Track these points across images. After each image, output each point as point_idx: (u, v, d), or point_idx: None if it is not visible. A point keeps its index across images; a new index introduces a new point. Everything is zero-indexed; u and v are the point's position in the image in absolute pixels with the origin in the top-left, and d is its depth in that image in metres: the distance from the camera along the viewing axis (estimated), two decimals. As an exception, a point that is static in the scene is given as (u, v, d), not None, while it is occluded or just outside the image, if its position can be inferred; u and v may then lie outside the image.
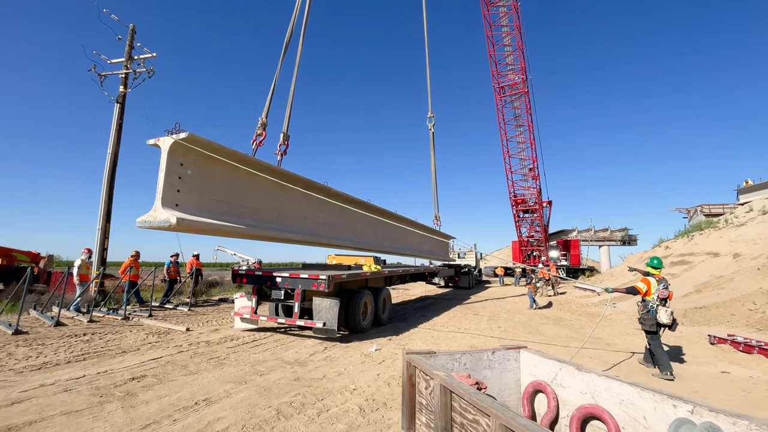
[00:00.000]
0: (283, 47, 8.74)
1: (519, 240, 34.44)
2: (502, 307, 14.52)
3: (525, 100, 30.98)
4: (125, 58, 13.81)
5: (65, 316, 9.12)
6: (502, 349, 3.56)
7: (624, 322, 10.87)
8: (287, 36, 9.01)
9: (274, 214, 7.14)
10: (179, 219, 5.00)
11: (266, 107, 8.34)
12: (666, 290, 6.10)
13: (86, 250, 10.30)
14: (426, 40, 18.57)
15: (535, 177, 31.83)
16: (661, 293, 6.08)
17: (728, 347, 7.36)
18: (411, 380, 3.19)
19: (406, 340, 8.16)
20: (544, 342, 8.31)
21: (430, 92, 19.43)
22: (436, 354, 3.33)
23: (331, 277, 7.48)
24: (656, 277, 6.30)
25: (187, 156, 5.42)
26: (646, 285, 6.19)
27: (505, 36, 31.03)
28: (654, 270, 6.39)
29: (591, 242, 39.59)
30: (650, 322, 6.04)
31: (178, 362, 5.92)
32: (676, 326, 6.08)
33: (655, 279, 6.25)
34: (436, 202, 19.28)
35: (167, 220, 4.91)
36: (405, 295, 18.87)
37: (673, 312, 6.01)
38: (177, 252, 12.73)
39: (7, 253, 14.37)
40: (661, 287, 6.14)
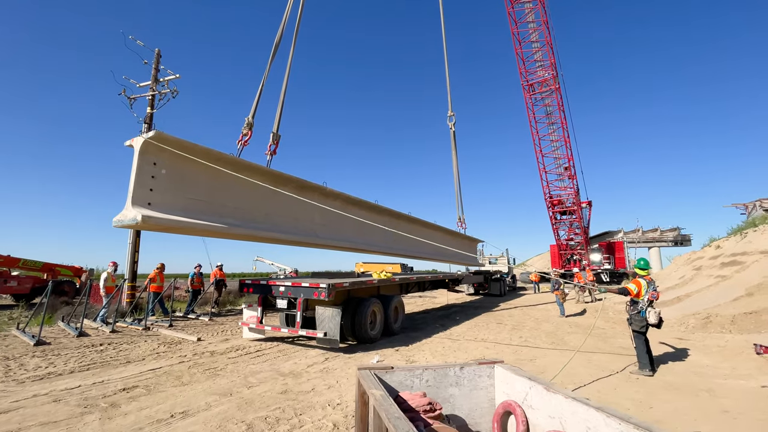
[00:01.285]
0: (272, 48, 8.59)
1: (557, 243, 32.66)
2: (530, 315, 13.67)
3: (556, 96, 29.56)
4: (152, 80, 14.61)
5: (90, 326, 9.60)
6: (474, 364, 3.17)
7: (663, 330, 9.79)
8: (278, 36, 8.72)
9: (261, 213, 7.01)
10: (145, 217, 4.97)
11: (253, 108, 8.16)
12: (655, 291, 6.24)
13: (112, 264, 10.84)
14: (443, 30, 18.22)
15: (572, 176, 30.18)
16: (651, 295, 6.17)
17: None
18: (363, 398, 2.88)
19: (415, 351, 7.78)
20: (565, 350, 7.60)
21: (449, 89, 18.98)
22: (393, 369, 3.01)
23: (331, 285, 7.30)
24: (645, 279, 6.34)
25: (161, 155, 5.39)
26: (637, 287, 6.26)
27: (532, 32, 29.92)
28: (641, 272, 6.50)
29: (639, 244, 36.83)
30: (640, 323, 6.15)
31: (174, 373, 5.95)
32: (662, 325, 6.28)
33: (645, 281, 6.28)
34: (459, 204, 18.62)
35: (134, 218, 4.91)
36: (430, 303, 18.36)
37: (660, 312, 6.18)
38: (200, 263, 13.14)
39: (51, 267, 15.56)
40: (651, 289, 6.24)
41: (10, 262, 14.43)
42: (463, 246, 18.77)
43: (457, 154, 18.82)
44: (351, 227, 9.46)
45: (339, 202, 9.20)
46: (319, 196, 8.48)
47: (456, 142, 18.76)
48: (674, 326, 9.88)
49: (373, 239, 10.55)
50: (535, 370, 6.21)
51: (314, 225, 8.25)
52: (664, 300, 12.38)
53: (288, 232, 7.54)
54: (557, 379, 5.66)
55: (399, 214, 12.05)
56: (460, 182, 18.82)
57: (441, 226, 15.61)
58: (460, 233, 18.04)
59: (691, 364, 6.60)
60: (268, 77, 8.56)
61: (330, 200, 8.90)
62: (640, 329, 6.14)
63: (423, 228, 14.04)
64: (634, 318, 6.23)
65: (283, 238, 7.43)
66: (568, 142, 29.84)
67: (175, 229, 5.65)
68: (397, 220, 12.09)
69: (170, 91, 14.47)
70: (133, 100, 14.77)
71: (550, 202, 31.54)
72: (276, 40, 8.86)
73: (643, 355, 6.11)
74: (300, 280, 8.08)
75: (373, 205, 10.49)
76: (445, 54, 18.80)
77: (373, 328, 8.69)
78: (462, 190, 18.86)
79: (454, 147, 18.59)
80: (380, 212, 11.01)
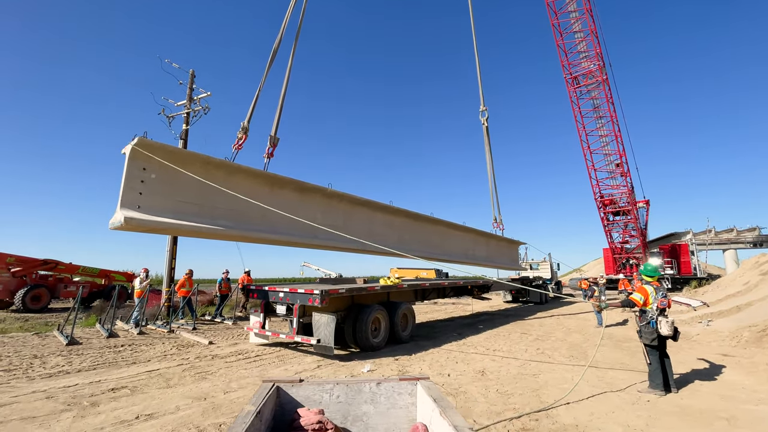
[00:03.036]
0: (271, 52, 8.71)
1: (610, 246, 30.12)
2: (564, 324, 12.62)
3: (604, 88, 27.45)
4: (187, 99, 15.71)
5: (122, 329, 10.38)
6: (394, 380, 2.90)
7: (711, 344, 8.52)
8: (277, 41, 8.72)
9: (256, 215, 7.08)
10: (128, 218, 5.22)
11: (249, 113, 8.29)
12: (665, 299, 5.52)
13: (144, 270, 11.68)
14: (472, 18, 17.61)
15: (625, 173, 27.78)
16: (660, 302, 5.47)
17: None
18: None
19: (415, 361, 7.45)
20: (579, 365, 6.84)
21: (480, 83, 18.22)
22: (301, 383, 2.83)
23: (324, 291, 7.24)
24: (653, 284, 5.64)
25: (150, 160, 5.66)
26: (643, 295, 5.53)
27: (574, 21, 28.17)
28: (648, 278, 5.76)
29: (711, 246, 32.86)
30: (650, 335, 5.42)
31: (166, 375, 6.19)
32: (678, 336, 5.50)
33: (652, 287, 5.57)
34: (495, 203, 17.74)
35: (120, 219, 5.20)
36: (461, 310, 17.69)
37: (673, 321, 5.39)
38: (228, 269, 13.77)
39: (107, 274, 17.16)
40: (660, 296, 5.51)
41: (71, 269, 16.17)
42: (500, 249, 17.76)
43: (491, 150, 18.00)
44: (359, 228, 9.34)
45: (345, 203, 9.16)
46: (321, 197, 8.50)
47: (489, 138, 17.99)
48: (725, 339, 8.56)
49: (386, 241, 10.25)
50: (528, 387, 5.64)
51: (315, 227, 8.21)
52: (721, 310, 10.81)
53: (286, 234, 7.61)
54: (551, 397, 5.09)
55: (417, 215, 11.67)
56: (495, 180, 17.96)
57: (471, 228, 14.87)
58: (496, 235, 17.11)
59: (723, 385, 5.62)
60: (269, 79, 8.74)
61: (335, 201, 8.90)
62: (651, 342, 5.40)
63: (448, 229, 13.51)
64: (643, 330, 5.51)
65: (282, 239, 7.53)
66: (619, 136, 27.60)
67: (164, 230, 5.97)
68: (415, 221, 11.74)
69: (202, 108, 15.47)
70: (172, 119, 15.98)
71: (600, 201, 29.30)
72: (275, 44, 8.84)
73: (657, 372, 5.35)
74: (297, 286, 8.11)
75: (384, 205, 10.27)
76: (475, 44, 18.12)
77: (376, 336, 8.48)
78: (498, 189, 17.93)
79: (488, 143, 17.80)
80: (395, 213, 10.77)
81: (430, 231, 12.46)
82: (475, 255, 15.49)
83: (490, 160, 17.72)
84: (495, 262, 17.33)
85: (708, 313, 10.98)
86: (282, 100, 8.75)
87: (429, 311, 17.64)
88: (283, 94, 8.73)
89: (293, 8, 9.01)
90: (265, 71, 8.72)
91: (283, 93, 8.72)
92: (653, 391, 5.25)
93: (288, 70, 8.82)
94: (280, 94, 8.75)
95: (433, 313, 16.63)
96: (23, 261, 14.68)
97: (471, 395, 5.26)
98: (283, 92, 8.73)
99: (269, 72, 8.74)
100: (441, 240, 13.01)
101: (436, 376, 6.29)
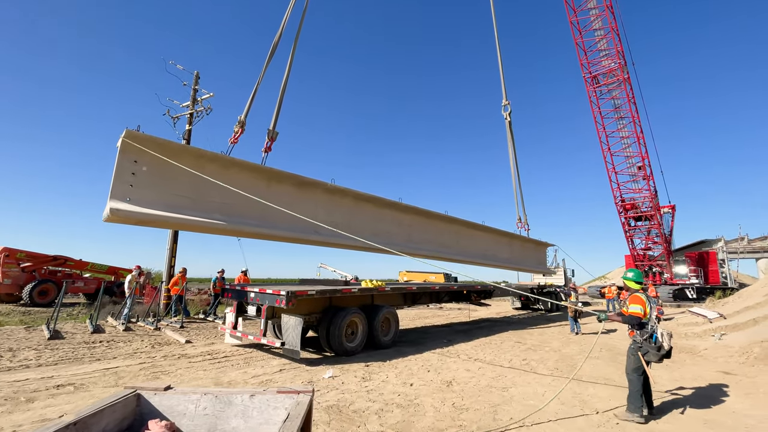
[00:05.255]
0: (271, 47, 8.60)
1: (632, 253, 28.62)
2: (565, 334, 11.89)
3: (625, 87, 26.20)
4: (191, 100, 15.95)
5: (110, 324, 10.49)
6: (271, 393, 2.57)
7: (717, 360, 7.70)
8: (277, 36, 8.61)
9: (253, 209, 6.94)
10: (114, 209, 5.20)
11: (246, 108, 8.24)
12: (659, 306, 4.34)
13: (136, 267, 11.82)
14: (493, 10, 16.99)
15: (647, 177, 26.38)
16: (658, 310, 5.09)
17: None
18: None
19: (386, 368, 7.07)
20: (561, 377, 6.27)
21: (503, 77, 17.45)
22: (165, 391, 2.55)
23: (290, 293, 6.98)
24: (640, 291, 5.02)
25: (142, 153, 5.64)
26: (641, 305, 4.81)
27: (594, 19, 27.06)
28: (636, 285, 5.09)
29: (743, 255, 30.65)
30: (657, 351, 4.65)
31: (120, 374, 6.09)
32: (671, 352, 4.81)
33: (645, 295, 4.92)
34: (519, 202, 16.74)
35: (107, 211, 5.21)
36: (463, 316, 17.08)
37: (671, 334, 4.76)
38: (223, 269, 13.79)
39: (115, 270, 17.61)
40: (654, 304, 4.94)
41: (80, 265, 16.69)
42: (525, 251, 16.79)
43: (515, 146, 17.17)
44: (364, 226, 9.04)
45: (349, 199, 8.92)
46: (322, 192, 8.31)
47: (513, 133, 17.20)
48: (734, 355, 7.72)
49: (394, 240, 9.84)
50: (490, 402, 5.16)
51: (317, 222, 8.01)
52: (737, 322, 9.83)
53: (285, 229, 7.46)
54: (510, 414, 4.62)
55: (429, 212, 11.20)
56: (519, 177, 17.06)
57: (491, 227, 14.11)
58: (521, 236, 16.16)
59: (712, 409, 4.95)
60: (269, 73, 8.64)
61: (337, 197, 8.69)
62: (659, 360, 4.69)
63: (465, 228, 12.90)
64: (647, 347, 4.70)
65: (280, 234, 7.40)
66: (642, 138, 26.30)
67: (154, 223, 5.90)
68: (426, 219, 11.26)
69: (204, 109, 15.66)
70: (176, 119, 16.26)
71: (621, 206, 27.95)
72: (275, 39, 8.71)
73: (637, 394, 4.66)
74: (266, 286, 7.90)
75: (392, 202, 9.93)
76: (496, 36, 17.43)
77: (351, 341, 8.16)
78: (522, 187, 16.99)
79: (511, 139, 16.91)
80: (404, 210, 10.38)
81: (443, 230, 11.90)
82: (497, 256, 14.59)
83: (513, 156, 16.84)
84: (519, 264, 16.38)
85: (723, 325, 10.03)
86: (282, 93, 8.65)
87: (430, 316, 17.15)
88: (283, 87, 8.64)
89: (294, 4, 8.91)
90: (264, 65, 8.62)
91: (283, 86, 8.63)
92: (632, 415, 4.59)
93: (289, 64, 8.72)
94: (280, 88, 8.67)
95: (434, 318, 16.13)
96: (33, 257, 15.24)
97: (422, 408, 4.85)
98: (283, 85, 8.64)
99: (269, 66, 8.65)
100: (456, 240, 12.39)
101: (400, 385, 5.90)
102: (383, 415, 4.58)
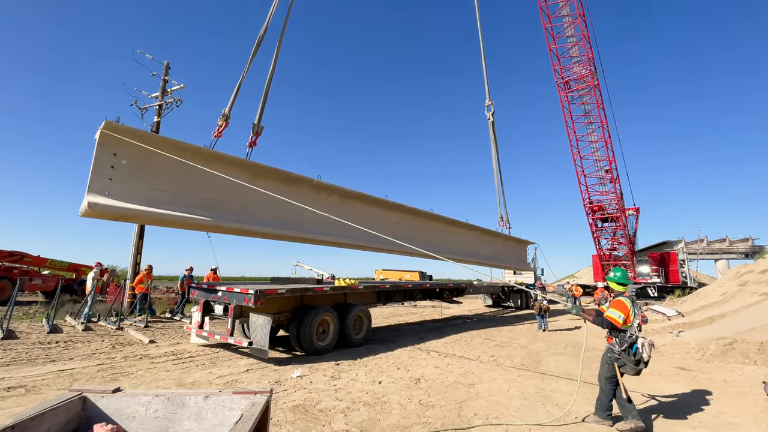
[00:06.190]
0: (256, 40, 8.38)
1: (599, 253, 29.75)
2: (533, 331, 12.22)
3: (595, 93, 27.19)
4: (160, 91, 15.37)
5: (69, 324, 10.01)
6: (227, 394, 2.52)
7: (675, 356, 8.12)
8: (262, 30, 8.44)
9: (237, 205, 6.84)
10: (92, 204, 5.01)
11: (231, 101, 8.08)
12: (643, 314, 4.39)
13: (97, 264, 11.32)
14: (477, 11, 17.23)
15: (614, 180, 27.46)
16: (642, 317, 4.41)
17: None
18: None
19: (357, 366, 7.07)
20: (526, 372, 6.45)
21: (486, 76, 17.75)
22: (113, 394, 2.46)
23: (259, 291, 6.86)
24: (624, 295, 4.50)
25: (121, 146, 5.43)
26: (622, 311, 4.29)
27: (567, 26, 27.86)
28: (620, 287, 4.57)
29: (702, 256, 32.43)
30: (635, 363, 4.17)
31: (76, 376, 5.83)
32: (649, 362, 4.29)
33: (629, 300, 4.38)
34: (501, 201, 17.12)
35: (84, 206, 4.99)
36: (437, 314, 17.28)
37: (652, 343, 4.27)
38: (192, 266, 13.38)
39: (76, 268, 16.80)
40: (638, 311, 4.42)
41: (38, 261, 15.82)
42: (507, 248, 17.17)
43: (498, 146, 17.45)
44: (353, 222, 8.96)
45: (335, 196, 8.85)
46: (308, 188, 8.20)
47: (496, 134, 17.50)
48: (690, 352, 8.17)
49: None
50: (456, 399, 5.25)
51: (303, 219, 7.86)
52: (694, 320, 10.42)
53: (270, 226, 7.32)
54: (475, 410, 4.72)
55: (415, 210, 11.25)
56: (501, 177, 17.43)
57: (474, 225, 14.33)
58: (502, 234, 16.51)
59: (669, 405, 5.22)
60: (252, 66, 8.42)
61: (324, 194, 8.60)
62: (636, 373, 4.27)
63: (449, 226, 13.07)
64: (625, 358, 4.23)
65: (265, 231, 7.24)
66: (609, 142, 27.33)
67: (134, 218, 5.74)
68: (412, 216, 11.32)
69: (174, 100, 15.13)
70: (144, 111, 15.62)
71: (589, 208, 28.98)
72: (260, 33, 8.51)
73: (607, 401, 4.45)
74: (234, 285, 7.74)
75: (379, 199, 9.92)
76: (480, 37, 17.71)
77: (323, 339, 8.11)
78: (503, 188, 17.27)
79: (494, 139, 17.24)
80: (390, 208, 10.40)
81: (428, 228, 11.99)
82: (480, 254, 14.82)
83: (496, 156, 17.17)
84: (501, 261, 16.73)
85: (680, 323, 10.59)
86: (267, 86, 8.48)
87: (404, 313, 17.26)
88: (268, 80, 8.47)
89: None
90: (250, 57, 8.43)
91: (269, 79, 8.47)
92: (601, 420, 4.42)
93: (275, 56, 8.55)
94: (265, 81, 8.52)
95: (407, 316, 16.25)
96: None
97: (389, 405, 4.88)
98: (268, 78, 8.48)
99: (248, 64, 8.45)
100: (441, 237, 12.56)
101: (369, 383, 5.91)
102: (349, 413, 4.58)
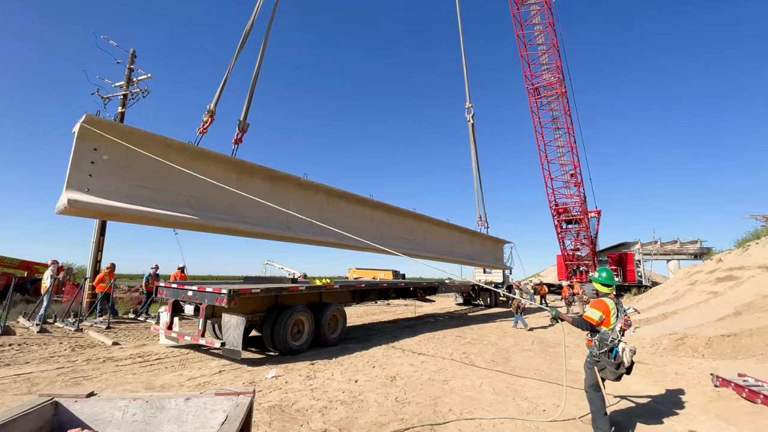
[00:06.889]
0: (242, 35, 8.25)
1: (563, 253, 31.09)
2: (502, 329, 12.62)
3: (563, 100, 28.33)
4: (125, 80, 14.65)
5: (23, 325, 9.39)
6: (208, 395, 2.49)
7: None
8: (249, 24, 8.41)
9: (222, 203, 6.72)
10: (72, 201, 4.81)
11: (216, 97, 8.00)
12: (627, 317, 4.25)
13: (53, 262, 10.68)
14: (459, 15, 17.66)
15: (578, 184, 28.72)
16: (625, 321, 4.20)
17: (730, 392, 5.26)
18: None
19: (332, 365, 7.06)
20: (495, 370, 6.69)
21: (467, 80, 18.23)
22: (87, 399, 2.37)
23: (232, 291, 6.72)
24: (610, 297, 4.39)
25: (102, 141, 5.23)
26: (602, 311, 4.21)
27: (538, 34, 28.85)
28: (604, 288, 4.50)
29: (656, 256, 34.55)
30: (616, 368, 4.04)
31: (35, 380, 5.49)
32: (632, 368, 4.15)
33: (612, 301, 4.31)
34: (480, 202, 17.65)
35: (64, 202, 4.76)
36: (410, 312, 17.50)
37: (634, 349, 4.13)
38: (157, 264, 12.88)
39: (29, 265, 15.75)
40: (622, 314, 4.26)
41: (-16, 258, 14.69)
42: (485, 248, 17.73)
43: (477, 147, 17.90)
44: (336, 222, 8.89)
45: (321, 194, 8.83)
46: (295, 187, 8.15)
47: (475, 135, 17.95)
48: (646, 347, 8.74)
49: (365, 237, 9.76)
50: (431, 395, 5.39)
51: (289, 217, 7.74)
52: (649, 317, 11.14)
53: (256, 224, 7.21)
54: (450, 406, 4.85)
55: (399, 209, 11.37)
56: (480, 177, 17.92)
57: (455, 225, 14.70)
58: (481, 233, 17.00)
59: (626, 397, 5.59)
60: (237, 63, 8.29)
61: (311, 192, 8.56)
62: (616, 379, 4.17)
63: (431, 226, 13.31)
64: (605, 361, 4.11)
65: (250, 230, 7.13)
66: (575, 148, 28.54)
67: (115, 216, 5.50)
68: (396, 216, 11.47)
69: (141, 90, 14.48)
70: (108, 100, 14.85)
71: (555, 210, 30.17)
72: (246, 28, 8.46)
73: (601, 414, 4.18)
74: (206, 284, 7.55)
75: (364, 198, 9.96)
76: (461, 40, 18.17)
77: (297, 339, 8.04)
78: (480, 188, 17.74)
79: (473, 140, 17.82)
80: (375, 207, 10.49)
81: (411, 227, 12.18)
82: (459, 252, 15.23)
83: (475, 157, 17.75)
84: (479, 260, 17.22)
85: (636, 320, 11.27)
86: (254, 83, 8.43)
87: (378, 312, 17.35)
88: (254, 76, 8.39)
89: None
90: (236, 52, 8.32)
91: (255, 75, 8.40)
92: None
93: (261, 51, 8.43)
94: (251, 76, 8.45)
95: (381, 315, 16.34)
96: (-77, 249, 13.13)
97: (366, 403, 4.93)
98: (255, 74, 8.40)
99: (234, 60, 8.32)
100: (423, 236, 12.80)
101: (345, 382, 5.94)
102: (327, 412, 4.60)
